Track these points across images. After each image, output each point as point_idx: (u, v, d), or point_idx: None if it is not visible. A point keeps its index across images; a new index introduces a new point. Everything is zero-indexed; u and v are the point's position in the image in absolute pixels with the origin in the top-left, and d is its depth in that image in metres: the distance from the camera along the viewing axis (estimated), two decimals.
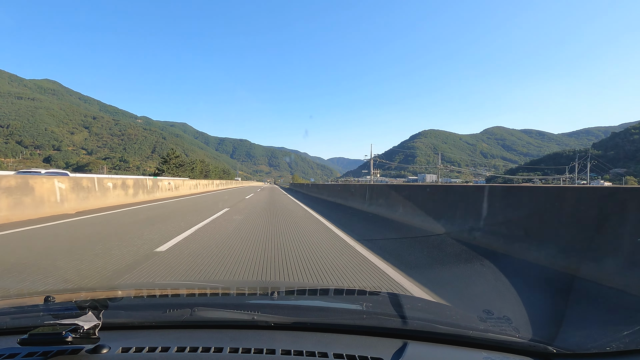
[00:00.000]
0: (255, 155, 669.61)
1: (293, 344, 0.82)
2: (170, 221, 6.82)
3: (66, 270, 3.19)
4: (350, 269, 3.41)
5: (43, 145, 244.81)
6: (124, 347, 0.78)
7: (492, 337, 0.92)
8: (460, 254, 4.08)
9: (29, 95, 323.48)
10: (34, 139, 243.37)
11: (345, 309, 1.25)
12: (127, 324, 0.93)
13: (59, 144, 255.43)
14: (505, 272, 3.24)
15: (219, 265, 3.45)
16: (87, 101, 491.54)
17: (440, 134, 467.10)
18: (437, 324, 1.00)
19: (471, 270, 3.45)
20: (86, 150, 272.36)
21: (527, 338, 0.93)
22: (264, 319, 0.92)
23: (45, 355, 0.73)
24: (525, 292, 2.67)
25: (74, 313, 0.78)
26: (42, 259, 3.67)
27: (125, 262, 3.50)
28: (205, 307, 1.02)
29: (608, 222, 2.94)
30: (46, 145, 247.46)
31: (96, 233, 5.31)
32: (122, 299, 1.21)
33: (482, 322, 1.10)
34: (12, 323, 0.90)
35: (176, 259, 3.69)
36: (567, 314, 2.22)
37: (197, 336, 0.87)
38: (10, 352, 0.75)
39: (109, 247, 4.21)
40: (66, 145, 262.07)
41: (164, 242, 4.52)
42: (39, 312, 0.94)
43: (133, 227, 5.95)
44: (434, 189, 6.96)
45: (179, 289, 1.55)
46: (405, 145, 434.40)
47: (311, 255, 4.02)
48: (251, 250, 4.20)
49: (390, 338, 0.90)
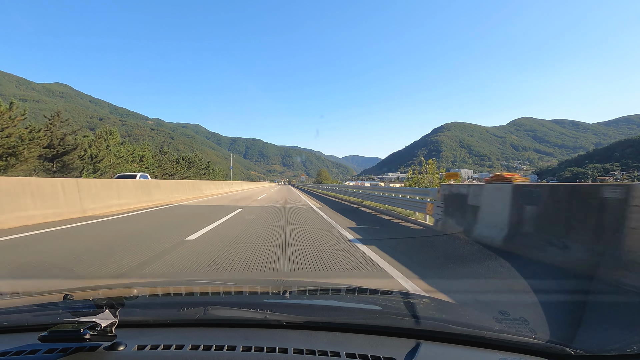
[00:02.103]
0: (269, 154, 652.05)
1: (305, 343, 0.82)
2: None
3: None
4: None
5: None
6: (139, 344, 0.80)
7: (508, 338, 0.90)
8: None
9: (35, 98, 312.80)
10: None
11: (357, 309, 1.24)
12: (142, 322, 0.95)
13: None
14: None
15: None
16: (97, 104, 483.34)
17: (465, 126, 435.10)
18: (450, 324, 0.99)
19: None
20: None
21: (544, 339, 0.90)
22: (276, 318, 0.93)
23: (65, 352, 0.75)
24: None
25: (92, 311, 0.80)
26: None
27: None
28: (218, 306, 1.03)
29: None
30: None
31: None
32: (138, 297, 1.24)
33: (498, 322, 1.09)
34: (33, 320, 0.92)
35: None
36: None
37: (210, 334, 0.88)
38: (32, 349, 0.77)
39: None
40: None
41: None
42: (58, 310, 0.96)
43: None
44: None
45: (193, 287, 1.57)
46: (427, 140, 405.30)
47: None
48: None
49: (403, 338, 0.89)
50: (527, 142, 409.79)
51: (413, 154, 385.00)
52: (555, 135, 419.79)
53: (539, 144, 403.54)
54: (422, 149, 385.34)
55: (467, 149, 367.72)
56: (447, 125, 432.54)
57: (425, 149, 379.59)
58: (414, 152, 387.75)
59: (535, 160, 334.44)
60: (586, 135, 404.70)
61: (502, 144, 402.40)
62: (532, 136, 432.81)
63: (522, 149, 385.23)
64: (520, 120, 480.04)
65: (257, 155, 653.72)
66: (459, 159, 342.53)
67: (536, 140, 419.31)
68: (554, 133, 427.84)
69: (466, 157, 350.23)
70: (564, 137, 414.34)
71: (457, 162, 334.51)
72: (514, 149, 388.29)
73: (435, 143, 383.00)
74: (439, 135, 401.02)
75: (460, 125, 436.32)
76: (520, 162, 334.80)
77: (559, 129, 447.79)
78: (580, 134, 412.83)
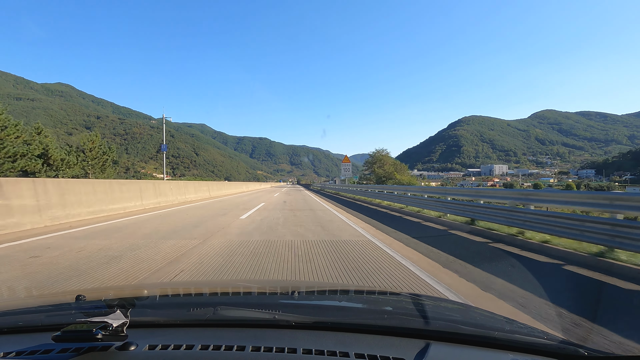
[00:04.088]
0: (276, 153, 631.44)
1: (314, 344, 0.81)
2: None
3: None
4: None
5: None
6: (150, 344, 0.80)
7: (519, 338, 0.89)
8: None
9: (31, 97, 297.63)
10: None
11: (366, 309, 1.23)
12: (153, 322, 0.95)
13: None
14: None
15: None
16: (100, 103, 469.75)
17: (484, 120, 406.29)
18: (460, 325, 0.98)
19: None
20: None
21: (556, 340, 0.89)
22: (285, 318, 0.92)
23: (78, 352, 0.75)
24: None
25: (104, 311, 0.80)
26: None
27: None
28: (227, 306, 1.02)
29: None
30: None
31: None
32: (148, 298, 1.24)
33: (508, 323, 1.07)
34: (46, 320, 0.93)
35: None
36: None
37: (220, 335, 0.88)
38: (46, 348, 0.78)
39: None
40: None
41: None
42: (71, 311, 0.97)
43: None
44: None
45: (202, 288, 1.55)
46: (445, 135, 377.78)
47: None
48: None
49: (413, 338, 0.87)
50: (553, 136, 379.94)
51: (430, 150, 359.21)
52: (582, 128, 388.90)
53: (565, 137, 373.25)
54: (439, 144, 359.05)
55: (490, 143, 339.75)
56: (465, 119, 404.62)
57: (443, 145, 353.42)
58: (430, 148, 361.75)
59: (566, 154, 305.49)
60: (617, 128, 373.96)
61: (527, 137, 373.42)
62: (557, 129, 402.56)
63: (548, 142, 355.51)
64: (542, 113, 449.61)
65: (264, 154, 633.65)
66: (482, 154, 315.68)
67: (562, 133, 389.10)
68: (580, 126, 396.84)
69: (489, 152, 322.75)
70: (592, 129, 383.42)
71: (480, 158, 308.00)
72: (540, 142, 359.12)
73: (454, 138, 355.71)
74: (457, 130, 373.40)
75: (479, 119, 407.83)
76: (549, 156, 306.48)
77: (586, 121, 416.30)
78: (610, 126, 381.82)
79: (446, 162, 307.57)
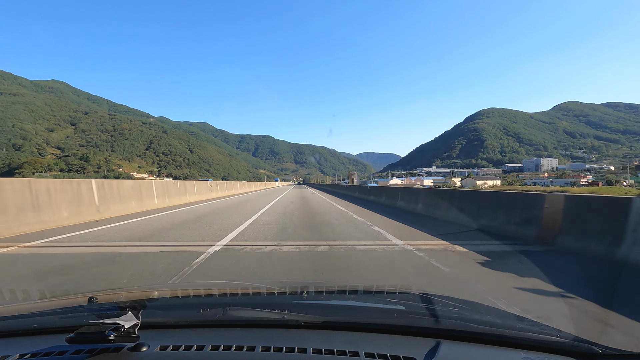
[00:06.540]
0: (280, 152, 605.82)
1: (324, 343, 0.81)
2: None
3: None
4: None
5: (1, 144, 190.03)
6: (162, 345, 0.81)
7: (531, 336, 0.87)
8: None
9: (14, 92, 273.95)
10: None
11: (375, 308, 1.22)
12: (164, 323, 0.96)
13: (23, 142, 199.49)
14: None
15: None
16: (95, 101, 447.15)
17: (505, 112, 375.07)
18: (471, 323, 0.96)
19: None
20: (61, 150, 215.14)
21: (569, 337, 0.87)
22: (294, 318, 0.92)
23: (91, 353, 0.76)
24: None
25: (115, 313, 0.81)
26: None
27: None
28: (237, 307, 1.02)
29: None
30: (8, 144, 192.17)
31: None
32: (159, 299, 1.25)
33: (520, 321, 1.05)
34: (60, 322, 0.94)
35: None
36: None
37: (230, 335, 0.89)
38: (60, 350, 0.79)
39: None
40: (34, 143, 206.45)
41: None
42: (84, 312, 0.98)
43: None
44: None
45: (212, 289, 1.57)
46: (464, 129, 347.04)
47: None
48: None
49: (423, 337, 0.87)
50: (582, 128, 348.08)
51: (449, 145, 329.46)
52: (613, 120, 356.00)
53: (596, 130, 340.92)
54: (459, 138, 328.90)
55: (515, 137, 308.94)
56: (484, 112, 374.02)
57: (463, 139, 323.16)
58: (449, 143, 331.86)
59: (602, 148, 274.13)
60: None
61: (554, 130, 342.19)
62: (585, 122, 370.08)
63: (579, 135, 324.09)
64: (566, 105, 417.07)
65: (267, 152, 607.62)
66: (508, 149, 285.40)
67: (590, 125, 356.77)
68: (610, 117, 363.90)
69: (515, 146, 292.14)
70: (624, 121, 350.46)
71: (507, 153, 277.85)
72: (569, 136, 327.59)
73: (474, 132, 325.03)
74: (478, 123, 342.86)
75: (499, 111, 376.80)
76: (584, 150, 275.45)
77: (614, 112, 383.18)
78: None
79: (469, 158, 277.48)
